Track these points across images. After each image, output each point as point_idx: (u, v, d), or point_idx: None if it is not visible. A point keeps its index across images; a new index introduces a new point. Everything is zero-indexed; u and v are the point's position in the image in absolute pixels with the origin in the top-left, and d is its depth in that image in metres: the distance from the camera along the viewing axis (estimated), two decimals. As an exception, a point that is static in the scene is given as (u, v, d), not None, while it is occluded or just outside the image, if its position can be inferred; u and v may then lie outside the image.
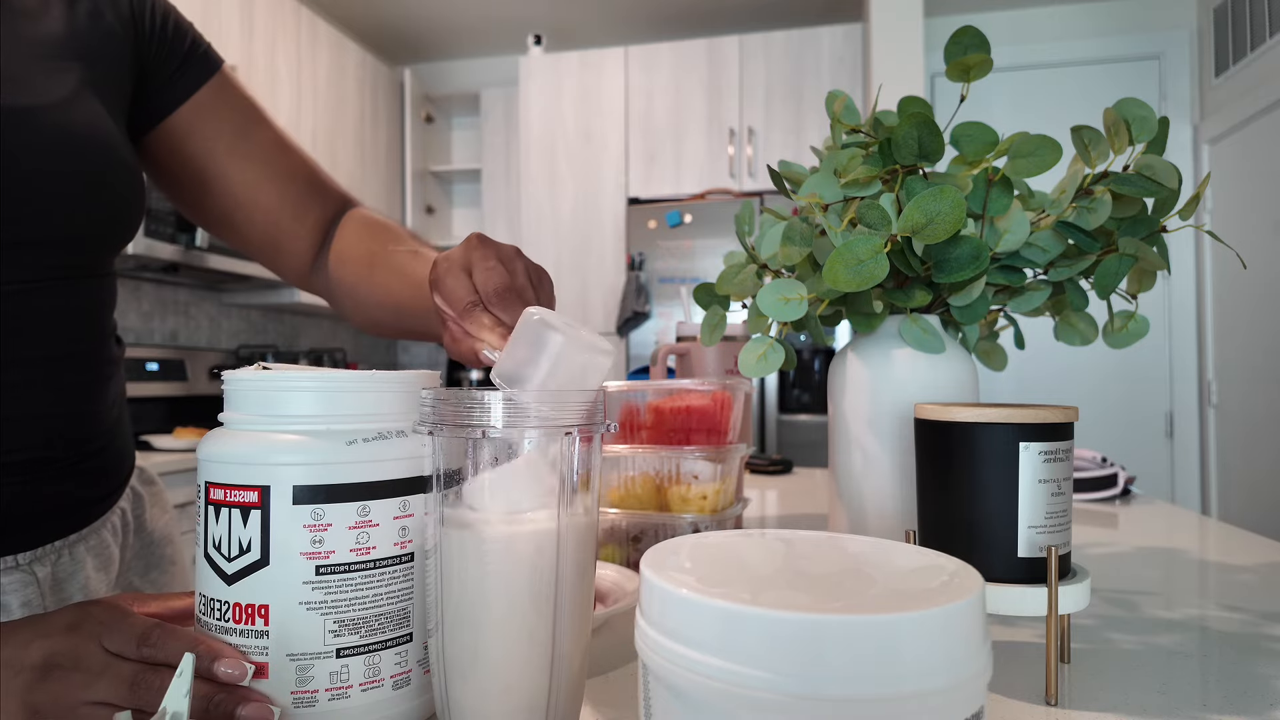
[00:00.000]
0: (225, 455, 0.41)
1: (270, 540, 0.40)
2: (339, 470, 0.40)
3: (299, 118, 3.35)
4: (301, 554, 0.40)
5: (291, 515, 0.40)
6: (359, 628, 0.41)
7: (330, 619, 0.40)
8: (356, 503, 0.41)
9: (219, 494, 0.41)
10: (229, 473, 0.40)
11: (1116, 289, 0.63)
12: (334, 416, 0.42)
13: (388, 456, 0.42)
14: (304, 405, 0.41)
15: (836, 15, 3.77)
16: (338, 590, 0.40)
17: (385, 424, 0.43)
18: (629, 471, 0.78)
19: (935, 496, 0.51)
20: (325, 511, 0.40)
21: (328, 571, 0.40)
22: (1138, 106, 0.60)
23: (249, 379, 0.43)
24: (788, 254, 0.66)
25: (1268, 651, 0.55)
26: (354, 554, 0.40)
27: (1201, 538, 0.95)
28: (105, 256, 0.64)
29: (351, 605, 0.40)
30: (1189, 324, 3.48)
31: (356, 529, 0.41)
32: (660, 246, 3.52)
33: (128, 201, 0.63)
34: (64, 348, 0.61)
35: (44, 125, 0.56)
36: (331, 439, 0.41)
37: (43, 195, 0.56)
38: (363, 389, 0.42)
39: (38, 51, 0.58)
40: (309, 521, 0.40)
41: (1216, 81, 3.30)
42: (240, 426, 0.42)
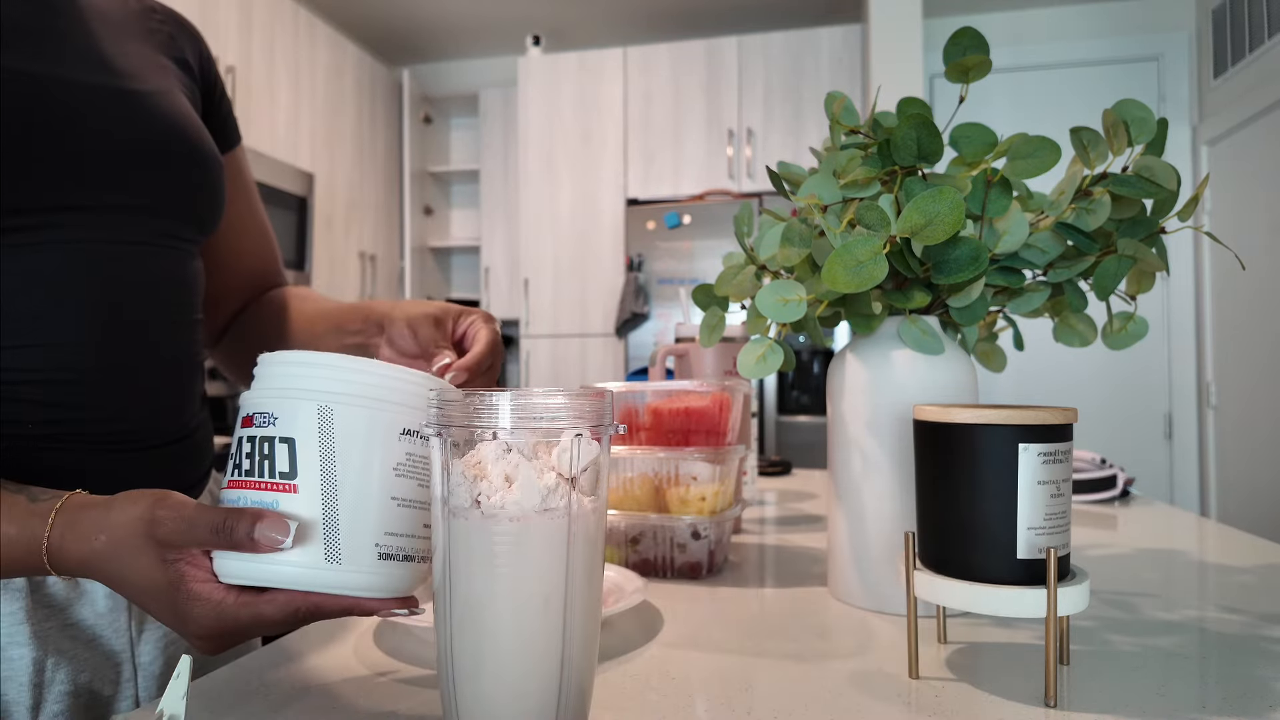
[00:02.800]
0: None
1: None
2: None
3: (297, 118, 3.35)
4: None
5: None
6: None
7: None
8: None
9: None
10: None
11: (1115, 290, 0.63)
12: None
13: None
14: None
15: (835, 16, 3.78)
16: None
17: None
18: (628, 473, 0.78)
19: (934, 498, 0.51)
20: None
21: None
22: (1137, 108, 0.60)
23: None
24: (786, 255, 0.66)
25: (1267, 653, 0.55)
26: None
27: (1200, 539, 0.95)
28: (194, 235, 0.69)
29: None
30: (1188, 325, 3.48)
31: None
32: (659, 247, 3.53)
33: (219, 182, 0.70)
34: (175, 314, 0.67)
35: (147, 106, 0.64)
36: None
37: (144, 167, 0.63)
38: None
39: (136, 49, 0.67)
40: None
41: (1215, 83, 3.30)
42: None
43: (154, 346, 0.65)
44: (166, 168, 0.64)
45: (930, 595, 0.51)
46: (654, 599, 0.70)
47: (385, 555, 0.45)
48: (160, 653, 0.64)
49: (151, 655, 0.64)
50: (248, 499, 0.44)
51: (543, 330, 3.77)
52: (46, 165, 0.57)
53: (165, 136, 0.64)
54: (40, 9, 0.60)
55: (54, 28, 0.61)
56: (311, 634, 0.62)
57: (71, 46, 0.61)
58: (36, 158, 0.56)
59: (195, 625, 0.45)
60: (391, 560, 0.45)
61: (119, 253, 0.61)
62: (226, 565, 0.44)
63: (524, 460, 0.40)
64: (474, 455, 0.40)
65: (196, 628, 0.45)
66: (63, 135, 0.58)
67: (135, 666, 0.63)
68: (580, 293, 3.73)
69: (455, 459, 0.40)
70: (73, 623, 0.59)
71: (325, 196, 3.53)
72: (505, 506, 0.39)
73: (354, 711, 0.47)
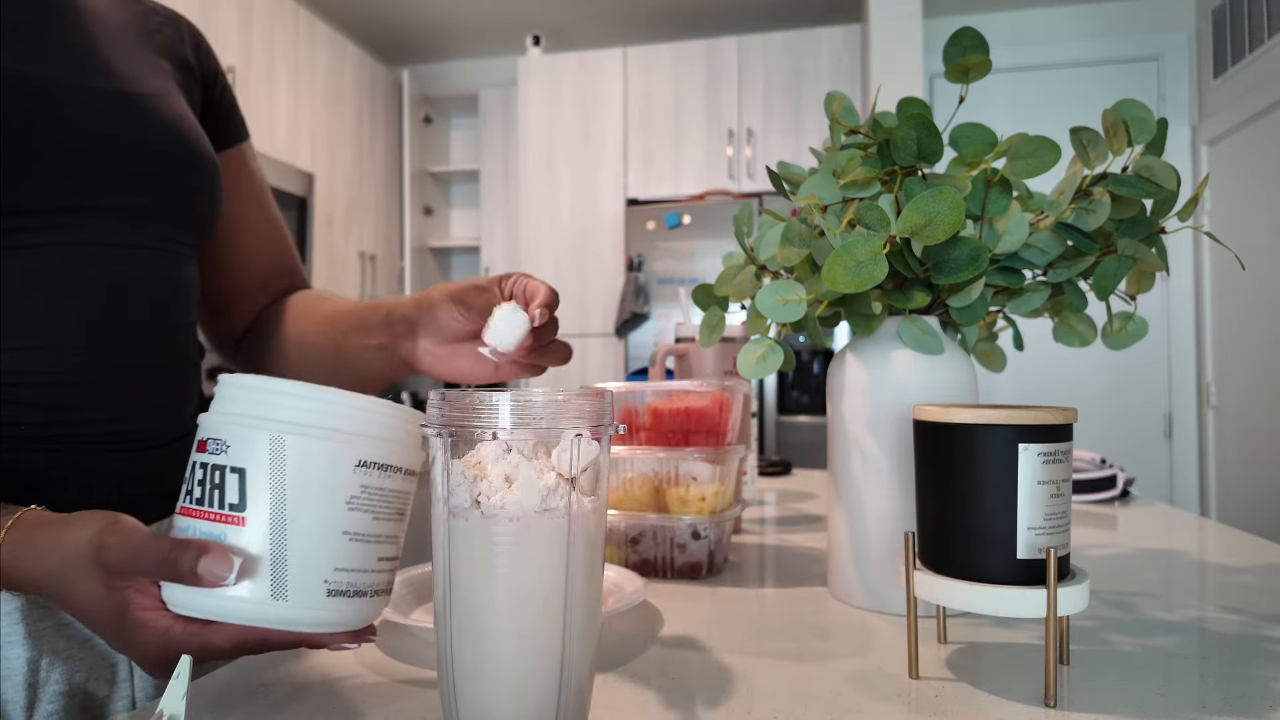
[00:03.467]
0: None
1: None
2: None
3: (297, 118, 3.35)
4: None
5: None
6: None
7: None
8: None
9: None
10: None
11: (1115, 290, 0.63)
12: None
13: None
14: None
15: (835, 16, 3.78)
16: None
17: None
18: (628, 473, 0.78)
19: (934, 498, 0.51)
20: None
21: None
22: (1136, 108, 0.60)
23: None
24: (786, 255, 0.66)
25: (1267, 653, 0.55)
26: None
27: (1200, 539, 0.95)
28: (190, 238, 0.69)
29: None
30: (1188, 325, 3.48)
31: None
32: (659, 247, 3.53)
33: (212, 184, 0.70)
34: (171, 316, 0.67)
35: (143, 109, 0.64)
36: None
37: (139, 169, 0.63)
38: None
39: (135, 52, 0.67)
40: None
41: (1215, 83, 3.30)
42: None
43: (150, 348, 0.65)
44: (162, 171, 0.64)
45: (930, 595, 0.51)
46: (654, 599, 0.70)
47: (335, 592, 0.44)
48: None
49: None
50: (197, 529, 0.43)
51: (543, 330, 3.77)
52: (43, 168, 0.57)
53: (161, 139, 0.64)
54: (39, 11, 0.60)
55: (52, 30, 0.61)
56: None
57: (69, 49, 0.61)
58: (33, 160, 0.57)
59: (141, 651, 0.44)
60: (341, 596, 0.44)
61: (115, 255, 0.61)
62: (175, 595, 0.44)
63: (524, 460, 0.40)
64: (474, 455, 0.40)
65: (142, 654, 0.45)
66: (59, 138, 0.58)
67: (131, 666, 0.62)
68: (580, 293, 3.73)
69: (455, 459, 0.40)
70: (68, 622, 0.59)
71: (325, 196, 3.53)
72: (505, 507, 0.39)
73: (354, 711, 0.47)
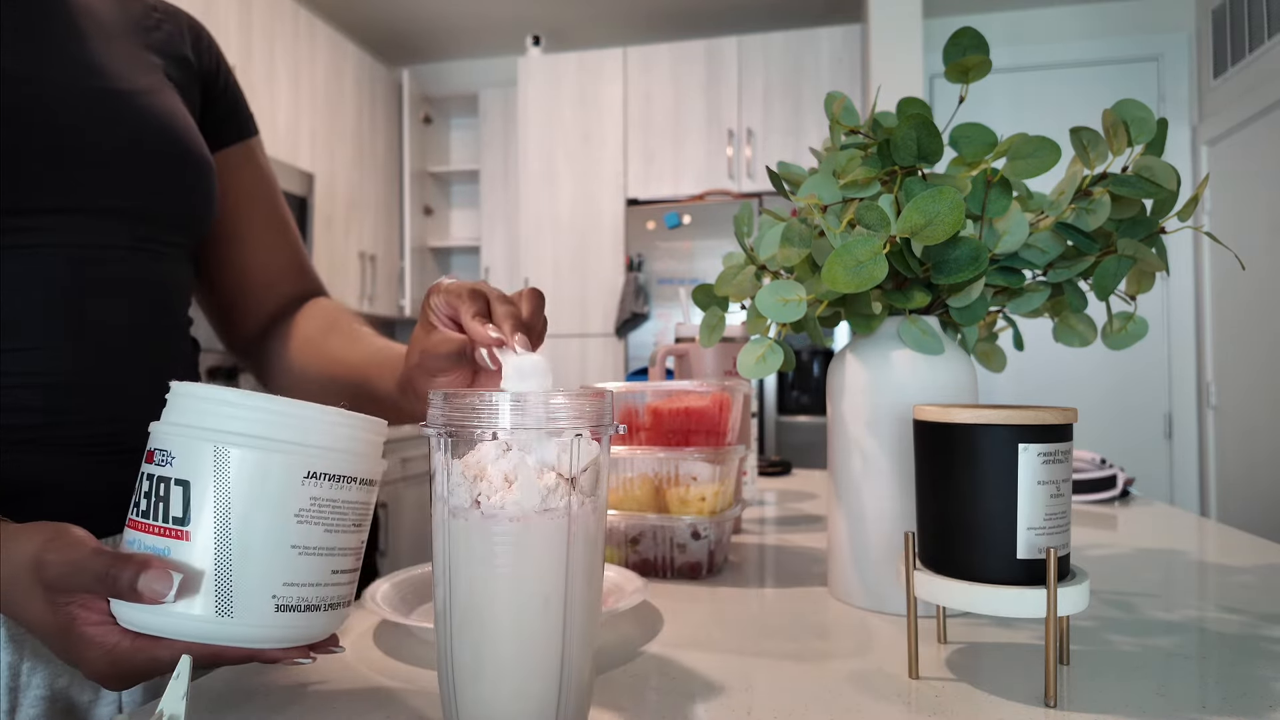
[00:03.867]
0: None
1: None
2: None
3: (297, 118, 3.35)
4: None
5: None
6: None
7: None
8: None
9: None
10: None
11: (1115, 290, 0.63)
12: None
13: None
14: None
15: (835, 16, 3.78)
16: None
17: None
18: (628, 473, 0.78)
19: (934, 498, 0.51)
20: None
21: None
22: (1136, 108, 0.60)
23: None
24: (786, 255, 0.66)
25: (1267, 653, 0.55)
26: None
27: (1200, 539, 0.95)
28: (183, 239, 0.69)
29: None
30: (1188, 325, 3.48)
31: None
32: (659, 247, 3.53)
33: (205, 184, 0.69)
34: (162, 318, 0.66)
35: (134, 107, 0.63)
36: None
37: (131, 168, 0.62)
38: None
39: (129, 49, 0.66)
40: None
41: (1215, 83, 3.30)
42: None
43: (140, 350, 0.64)
44: (154, 170, 0.64)
45: (930, 595, 0.51)
46: (654, 599, 0.70)
47: (284, 607, 0.42)
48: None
49: None
50: (141, 543, 0.42)
51: (543, 330, 3.77)
52: (35, 169, 0.57)
53: (153, 139, 0.64)
54: (31, 10, 0.60)
55: (44, 29, 0.60)
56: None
57: (61, 48, 0.60)
58: (25, 161, 0.56)
59: (89, 667, 0.44)
60: (291, 612, 0.43)
61: (107, 256, 0.61)
62: (122, 611, 0.43)
63: (524, 460, 0.40)
64: (474, 455, 0.40)
65: (91, 670, 0.44)
66: (51, 139, 0.58)
67: None
68: (580, 293, 3.73)
69: (455, 459, 0.40)
70: None
71: (325, 196, 3.53)
72: (505, 507, 0.39)
73: (354, 712, 0.47)
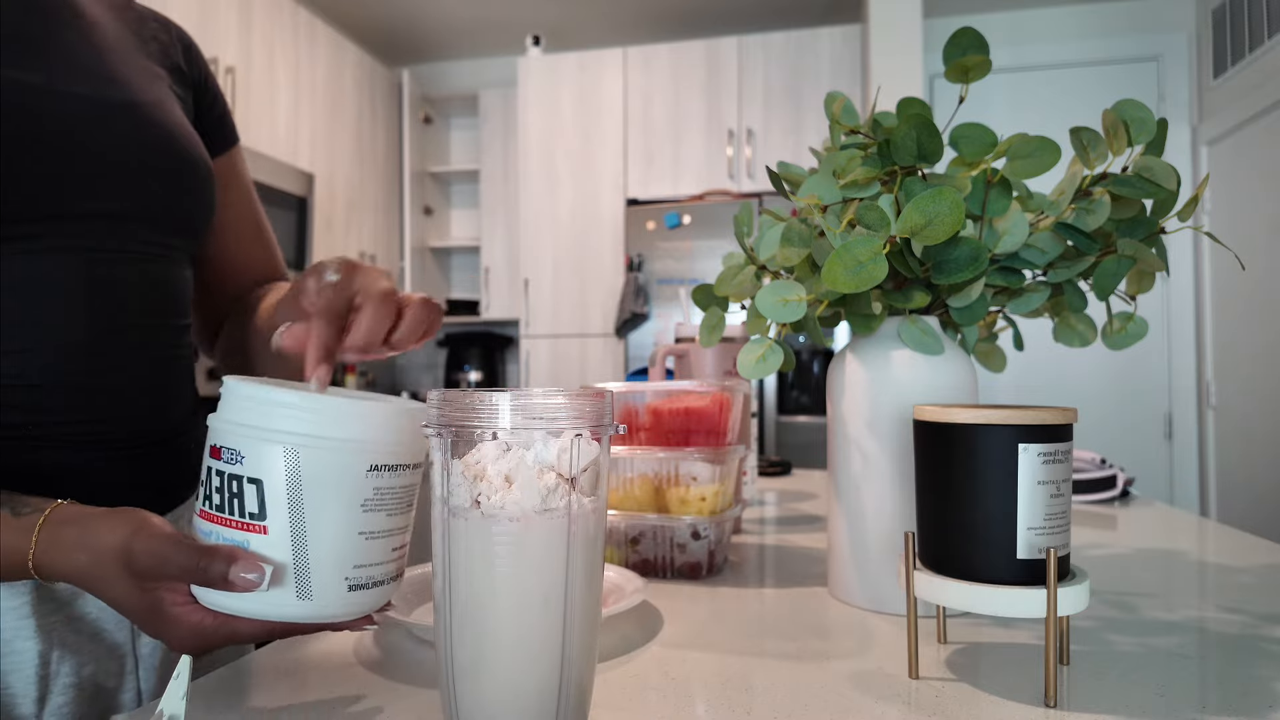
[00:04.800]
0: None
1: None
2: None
3: (297, 119, 3.35)
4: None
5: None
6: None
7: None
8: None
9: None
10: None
11: (1115, 290, 0.63)
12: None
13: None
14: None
15: (835, 16, 3.78)
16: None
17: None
18: (628, 473, 0.78)
19: (934, 498, 0.51)
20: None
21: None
22: (1136, 108, 0.60)
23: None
24: (786, 255, 0.66)
25: (1267, 653, 0.55)
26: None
27: (1200, 539, 0.95)
28: (187, 243, 0.71)
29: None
30: (1188, 325, 3.48)
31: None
32: (659, 248, 3.53)
33: (207, 190, 0.71)
34: (164, 319, 0.68)
35: (145, 118, 0.65)
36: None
37: (143, 175, 0.64)
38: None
39: (134, 60, 0.68)
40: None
41: (1215, 83, 3.30)
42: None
43: (142, 351, 0.65)
44: (158, 177, 0.65)
45: (930, 595, 0.51)
46: (654, 599, 0.70)
47: (355, 587, 0.46)
48: (160, 646, 0.66)
49: (152, 648, 0.65)
50: (220, 535, 0.45)
51: (542, 330, 3.77)
52: (47, 174, 0.58)
53: (160, 147, 0.66)
54: (41, 22, 0.61)
55: (55, 40, 0.62)
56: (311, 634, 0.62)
57: (68, 58, 0.62)
58: (37, 166, 0.58)
59: (176, 643, 0.47)
60: (360, 590, 0.47)
61: (110, 259, 0.62)
62: (206, 595, 0.46)
63: (524, 460, 0.40)
64: (474, 455, 0.40)
65: (177, 645, 0.47)
66: (62, 145, 0.59)
67: (137, 659, 0.64)
68: (580, 293, 3.73)
69: (455, 459, 0.40)
70: (77, 616, 0.61)
71: (325, 196, 3.53)
72: (505, 506, 0.39)
73: (354, 711, 0.47)
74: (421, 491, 0.50)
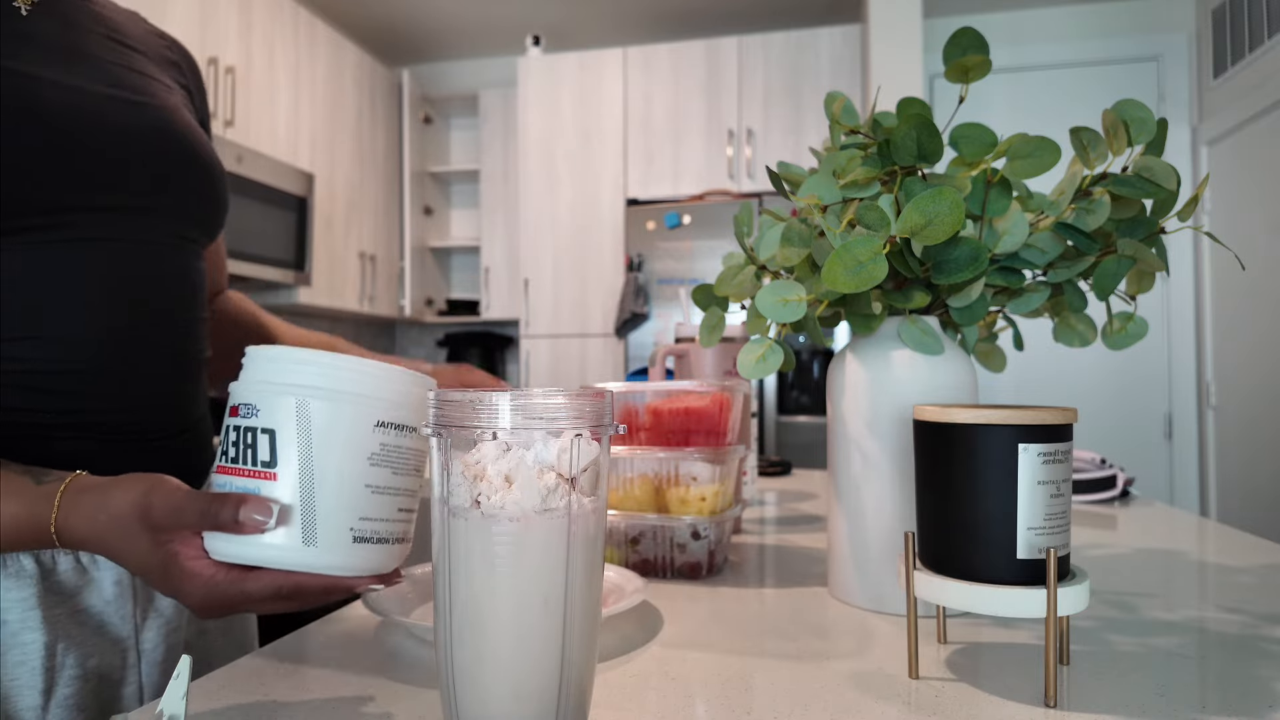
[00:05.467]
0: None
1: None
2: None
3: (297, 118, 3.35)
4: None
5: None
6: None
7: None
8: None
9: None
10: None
11: (1115, 290, 0.63)
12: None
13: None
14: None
15: (835, 16, 3.78)
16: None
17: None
18: (628, 473, 0.78)
19: (934, 498, 0.51)
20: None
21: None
22: (1136, 108, 0.60)
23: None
24: (786, 255, 0.66)
25: (1267, 653, 0.55)
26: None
27: (1200, 539, 0.95)
28: (204, 237, 0.74)
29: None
30: (1188, 325, 3.48)
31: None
32: (659, 248, 3.52)
33: (225, 190, 0.76)
34: (184, 311, 0.70)
35: (168, 120, 0.69)
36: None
37: (169, 171, 0.68)
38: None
39: (154, 70, 0.73)
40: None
41: (1215, 83, 3.30)
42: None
43: (163, 342, 0.68)
44: (183, 175, 0.70)
45: (930, 595, 0.51)
46: (654, 599, 0.70)
47: (360, 539, 0.49)
48: (162, 640, 0.67)
49: (154, 642, 0.67)
50: (233, 484, 0.48)
51: (543, 330, 3.77)
52: (83, 169, 0.62)
53: (186, 147, 0.70)
54: (78, 34, 0.66)
55: (89, 49, 0.66)
56: (311, 634, 0.62)
57: (101, 65, 0.67)
58: (74, 162, 0.61)
59: (188, 598, 0.50)
60: (366, 543, 0.49)
61: (136, 251, 0.65)
62: (216, 544, 0.49)
63: (524, 460, 0.40)
64: (474, 455, 0.40)
65: (190, 600, 0.50)
66: (99, 144, 0.63)
67: (139, 652, 0.66)
68: (580, 293, 3.73)
69: (455, 459, 0.40)
70: (81, 609, 0.62)
71: (325, 196, 3.53)
72: (505, 506, 0.39)
73: (354, 711, 0.47)
74: (422, 493, 0.51)
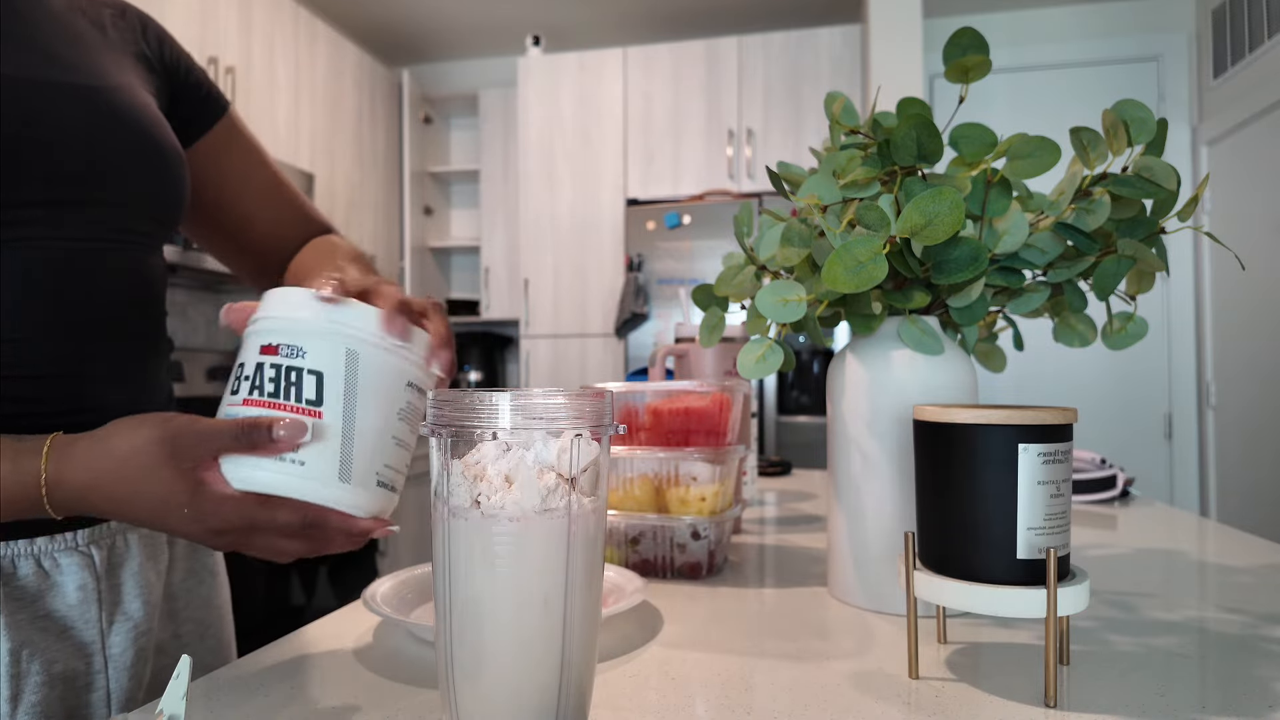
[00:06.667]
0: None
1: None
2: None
3: (297, 118, 3.35)
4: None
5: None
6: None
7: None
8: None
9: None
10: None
11: (1115, 290, 0.63)
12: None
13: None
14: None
15: (835, 16, 3.78)
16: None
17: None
18: (628, 473, 0.78)
19: (934, 498, 0.51)
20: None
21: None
22: (1136, 108, 0.60)
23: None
24: (786, 255, 0.66)
25: (1267, 653, 0.55)
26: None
27: (1200, 539, 0.95)
28: (159, 230, 0.70)
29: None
30: (1188, 325, 3.48)
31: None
32: (659, 248, 3.52)
33: (178, 175, 0.70)
34: (137, 310, 0.67)
35: (112, 103, 0.64)
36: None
37: (108, 160, 0.63)
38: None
39: (94, 46, 0.67)
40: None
41: (1215, 83, 3.30)
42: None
43: (116, 342, 0.65)
44: (134, 164, 0.65)
45: (930, 595, 0.51)
46: (654, 599, 0.70)
47: (382, 483, 0.53)
48: (130, 644, 0.64)
49: (122, 646, 0.64)
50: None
51: (543, 330, 3.77)
52: (11, 164, 0.57)
53: (126, 133, 0.65)
54: (8, 12, 0.60)
55: (21, 30, 0.61)
56: (311, 633, 0.62)
57: (30, 45, 0.61)
58: (10, 157, 0.57)
59: (217, 520, 0.50)
60: (384, 489, 0.54)
61: (81, 250, 0.62)
62: (248, 472, 0.50)
63: (524, 460, 0.40)
64: (474, 455, 0.40)
65: (218, 522, 0.50)
66: (26, 134, 0.58)
67: (106, 657, 0.63)
68: (580, 293, 3.73)
69: (455, 459, 0.40)
70: (44, 614, 0.60)
71: (325, 196, 3.53)
72: (505, 506, 0.39)
73: (354, 711, 0.47)
74: (422, 493, 0.52)
